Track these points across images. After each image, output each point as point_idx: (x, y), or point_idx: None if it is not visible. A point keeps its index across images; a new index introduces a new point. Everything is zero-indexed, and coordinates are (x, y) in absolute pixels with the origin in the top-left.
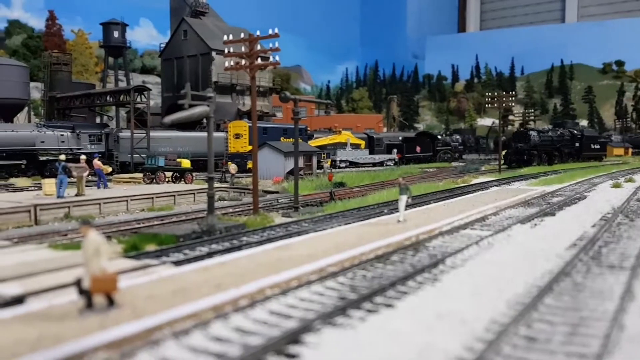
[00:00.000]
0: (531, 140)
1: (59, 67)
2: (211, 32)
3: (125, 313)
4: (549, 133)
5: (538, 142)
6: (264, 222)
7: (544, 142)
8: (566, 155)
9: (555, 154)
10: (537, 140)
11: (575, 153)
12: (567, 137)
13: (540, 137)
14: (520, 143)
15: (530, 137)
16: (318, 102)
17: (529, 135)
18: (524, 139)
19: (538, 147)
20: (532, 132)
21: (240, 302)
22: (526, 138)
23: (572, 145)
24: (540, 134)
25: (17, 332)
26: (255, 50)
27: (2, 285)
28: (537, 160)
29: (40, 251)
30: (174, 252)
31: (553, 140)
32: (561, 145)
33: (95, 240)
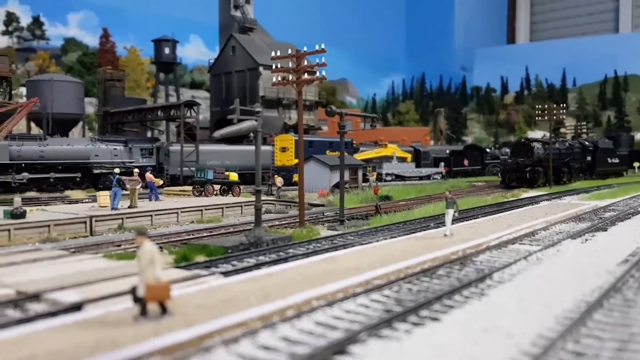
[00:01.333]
0: (535, 153)
1: (113, 83)
2: (259, 47)
3: (177, 321)
4: (556, 145)
5: (543, 156)
6: (309, 235)
7: (549, 155)
8: (576, 172)
9: (563, 169)
10: (542, 154)
11: (587, 169)
12: (578, 150)
13: (545, 150)
14: (521, 157)
15: (534, 150)
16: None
17: (531, 148)
18: (525, 152)
19: (543, 163)
20: (536, 143)
21: (287, 312)
22: (528, 151)
23: (583, 159)
24: (545, 147)
25: (77, 337)
26: (302, 65)
27: (61, 293)
28: (543, 178)
29: (96, 261)
30: (223, 263)
31: (561, 154)
32: (570, 160)
33: (150, 250)
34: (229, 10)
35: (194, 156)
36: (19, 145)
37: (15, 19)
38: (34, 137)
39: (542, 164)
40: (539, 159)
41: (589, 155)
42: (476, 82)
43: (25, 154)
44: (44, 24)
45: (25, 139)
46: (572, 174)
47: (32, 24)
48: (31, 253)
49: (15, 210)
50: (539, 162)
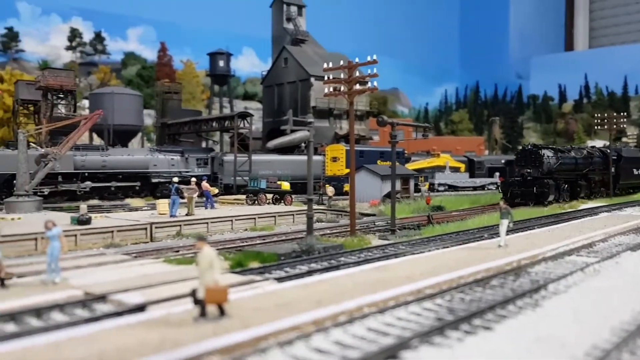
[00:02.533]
0: (544, 163)
1: (170, 96)
2: (310, 59)
3: (234, 322)
4: (572, 153)
5: (555, 167)
6: (361, 244)
7: (564, 166)
8: (597, 185)
9: (581, 183)
10: (553, 164)
11: (609, 182)
12: (598, 159)
13: (558, 160)
14: (527, 167)
15: (543, 159)
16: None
17: (540, 157)
18: (533, 161)
19: (555, 175)
20: (546, 151)
21: (339, 317)
22: (536, 160)
23: (604, 170)
24: (558, 155)
25: (141, 336)
26: (353, 76)
27: (125, 294)
28: (555, 193)
29: (157, 265)
30: (276, 269)
31: (577, 164)
32: (589, 171)
33: (209, 255)
34: (281, 23)
35: (247, 166)
36: (83, 155)
37: (78, 34)
38: (97, 147)
39: (553, 175)
40: (550, 170)
41: (612, 166)
42: (533, 91)
43: (88, 163)
44: (105, 39)
45: (88, 149)
46: (592, 187)
47: (94, 40)
48: (96, 257)
49: (81, 216)
50: (550, 174)
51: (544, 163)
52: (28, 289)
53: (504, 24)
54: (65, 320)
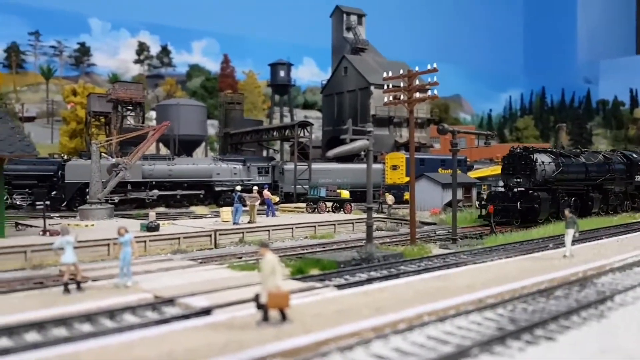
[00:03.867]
0: (538, 171)
1: (233, 106)
2: (370, 67)
3: (296, 327)
4: (580, 159)
5: (552, 176)
6: (421, 253)
7: (567, 174)
8: (616, 198)
9: (593, 195)
10: (550, 172)
11: (633, 194)
12: (619, 167)
13: (557, 166)
14: (516, 176)
15: (536, 166)
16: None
17: (532, 162)
18: (523, 168)
19: (553, 186)
20: (541, 155)
21: (399, 325)
22: (527, 167)
23: (628, 179)
24: (559, 160)
25: (208, 337)
26: (413, 85)
27: (192, 298)
28: (550, 209)
29: (221, 271)
30: (336, 276)
31: (588, 171)
32: (606, 181)
33: (272, 261)
34: (341, 33)
35: (307, 174)
36: (150, 164)
37: (146, 48)
38: (163, 157)
39: (550, 188)
40: (546, 179)
41: (638, 174)
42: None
43: (156, 172)
44: (171, 52)
45: (155, 159)
46: (608, 201)
47: (161, 53)
48: (164, 262)
49: (150, 223)
50: (545, 185)
51: (537, 171)
52: (102, 292)
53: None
54: (136, 321)
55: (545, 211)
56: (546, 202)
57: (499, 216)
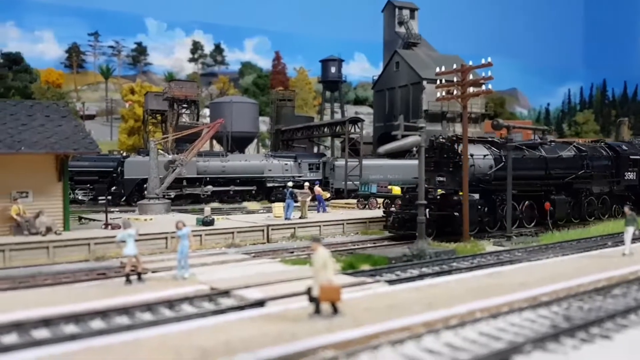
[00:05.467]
0: (475, 167)
1: (284, 103)
2: (422, 61)
3: (347, 320)
4: (541, 152)
5: (488, 174)
6: (474, 250)
7: (523, 170)
8: (597, 202)
9: (558, 199)
10: (483, 169)
11: (623, 197)
12: (600, 161)
13: (497, 161)
14: (440, 174)
15: (462, 161)
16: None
17: (457, 155)
18: (447, 163)
19: (490, 186)
20: (476, 147)
21: (450, 321)
22: (450, 161)
23: (611, 177)
24: (500, 153)
25: (262, 328)
26: (467, 80)
27: (246, 290)
28: (474, 218)
29: (274, 265)
30: (387, 272)
31: (549, 168)
32: (578, 179)
33: (324, 255)
34: (393, 27)
35: (358, 170)
36: (205, 161)
37: (200, 47)
38: (217, 153)
39: (488, 190)
40: (481, 178)
41: (629, 170)
42: None
43: (210, 169)
44: (224, 50)
45: (209, 155)
46: (584, 208)
47: (214, 51)
48: (219, 256)
49: (206, 218)
50: (480, 186)
51: (461, 167)
52: (161, 283)
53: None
54: (194, 311)
55: (471, 220)
56: (473, 208)
57: (404, 227)
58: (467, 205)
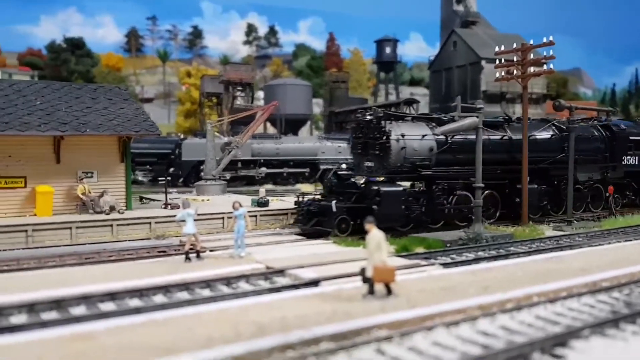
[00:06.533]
0: (392, 150)
1: (338, 85)
2: (481, 40)
3: (401, 301)
4: (504, 130)
5: (432, 158)
6: (532, 234)
7: (462, 154)
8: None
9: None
10: (420, 152)
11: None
12: (589, 143)
13: (440, 143)
14: (367, 158)
15: (390, 143)
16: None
17: (386, 135)
18: (373, 145)
19: (434, 173)
20: (402, 125)
21: (506, 304)
22: (377, 142)
23: (605, 161)
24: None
25: (316, 306)
26: (527, 59)
27: (300, 270)
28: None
29: (327, 246)
30: (441, 255)
31: (514, 151)
32: (557, 164)
33: (378, 236)
34: (450, 6)
35: None
36: (259, 143)
37: (254, 29)
38: (271, 136)
39: (424, 176)
40: (416, 164)
41: (628, 154)
42: None
43: (264, 151)
44: (278, 32)
45: (264, 137)
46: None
47: (268, 33)
48: (274, 236)
49: (261, 199)
50: (415, 172)
51: (390, 150)
52: (218, 261)
53: None
54: (250, 289)
55: (394, 214)
56: (393, 200)
57: (309, 223)
58: (527, 190)
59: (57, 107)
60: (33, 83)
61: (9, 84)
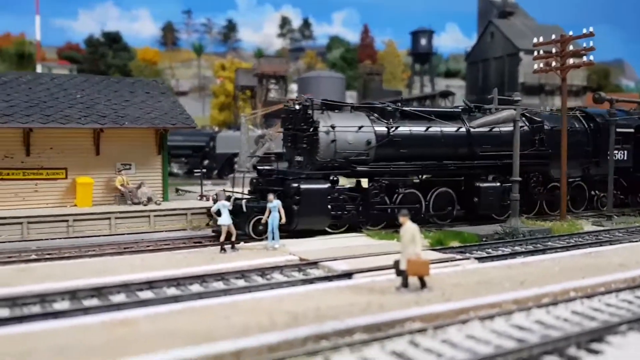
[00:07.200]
0: (321, 143)
1: (372, 77)
2: (519, 31)
3: (435, 295)
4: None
5: (373, 153)
6: (571, 229)
7: (406, 149)
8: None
9: (484, 188)
10: (356, 146)
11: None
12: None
13: (381, 135)
14: (297, 151)
15: (318, 134)
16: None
17: (313, 125)
18: (301, 138)
19: (373, 169)
20: (334, 115)
21: (542, 299)
22: (305, 134)
23: (585, 155)
24: (389, 122)
25: (349, 298)
26: (567, 51)
27: (333, 262)
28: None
29: (359, 239)
30: (477, 249)
31: (473, 145)
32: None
33: (412, 229)
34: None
35: None
36: None
37: (288, 22)
38: None
39: (360, 172)
40: (350, 159)
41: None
42: None
43: None
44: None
45: None
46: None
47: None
48: None
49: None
50: (348, 168)
51: (319, 142)
52: (253, 253)
53: None
54: (284, 279)
55: (316, 214)
56: (316, 198)
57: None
58: (565, 184)
59: (96, 101)
60: (73, 77)
61: (51, 77)
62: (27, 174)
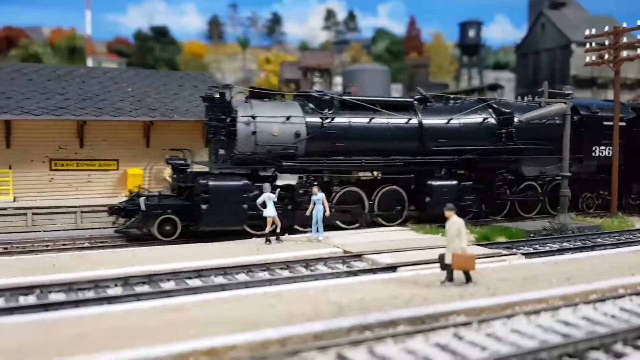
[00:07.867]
0: (239, 135)
1: (418, 70)
2: (571, 23)
3: (480, 289)
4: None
5: (303, 146)
6: (621, 226)
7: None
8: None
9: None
10: (293, 139)
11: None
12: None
13: (313, 127)
14: (218, 144)
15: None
16: None
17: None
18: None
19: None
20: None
21: (590, 296)
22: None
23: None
24: (322, 113)
25: (393, 291)
26: (620, 43)
27: (378, 255)
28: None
29: (405, 232)
30: (524, 245)
31: (425, 139)
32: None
33: (458, 223)
34: None
35: None
36: None
37: (333, 15)
38: None
39: (299, 165)
40: (275, 153)
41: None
42: None
43: None
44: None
45: None
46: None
47: (347, 18)
48: None
49: None
50: (274, 163)
51: (237, 136)
52: (297, 244)
53: None
54: (329, 271)
55: (227, 215)
56: (227, 197)
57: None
58: (616, 181)
59: (146, 94)
60: (124, 71)
61: (103, 71)
62: (81, 165)
